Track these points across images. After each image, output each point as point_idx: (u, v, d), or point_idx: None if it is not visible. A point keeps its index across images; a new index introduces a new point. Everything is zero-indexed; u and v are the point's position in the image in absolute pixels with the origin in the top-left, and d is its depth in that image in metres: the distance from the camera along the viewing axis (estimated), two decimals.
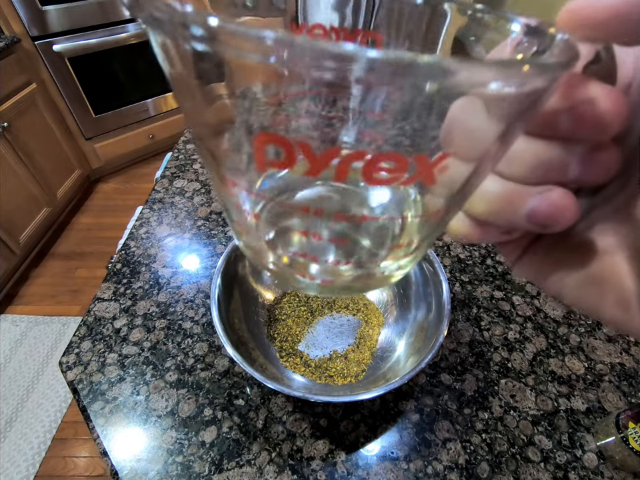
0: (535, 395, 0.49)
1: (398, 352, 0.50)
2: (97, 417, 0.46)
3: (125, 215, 1.57)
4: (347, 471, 0.42)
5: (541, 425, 0.46)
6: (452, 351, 0.53)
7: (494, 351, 0.53)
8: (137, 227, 0.71)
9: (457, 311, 0.58)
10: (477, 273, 0.64)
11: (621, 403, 0.48)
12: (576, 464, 0.43)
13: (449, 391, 0.49)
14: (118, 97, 1.95)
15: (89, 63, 1.78)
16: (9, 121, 1.48)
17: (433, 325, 0.46)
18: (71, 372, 0.50)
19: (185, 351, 0.53)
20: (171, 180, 0.82)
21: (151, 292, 0.60)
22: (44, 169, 1.70)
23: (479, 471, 0.42)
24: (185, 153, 0.90)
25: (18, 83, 1.55)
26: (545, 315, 0.58)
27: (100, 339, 0.54)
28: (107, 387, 0.49)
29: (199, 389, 0.49)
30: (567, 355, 0.53)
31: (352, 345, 0.54)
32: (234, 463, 0.42)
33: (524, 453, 0.44)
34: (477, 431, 0.45)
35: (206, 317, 0.57)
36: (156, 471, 0.42)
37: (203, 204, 0.76)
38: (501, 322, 0.57)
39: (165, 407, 0.47)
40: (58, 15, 1.62)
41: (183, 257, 0.66)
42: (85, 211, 1.98)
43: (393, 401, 0.48)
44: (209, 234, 0.70)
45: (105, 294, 0.60)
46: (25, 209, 1.61)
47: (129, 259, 0.65)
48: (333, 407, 0.47)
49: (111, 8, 1.73)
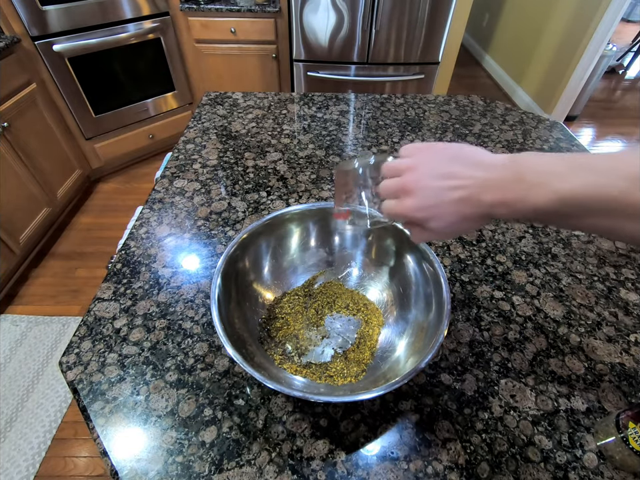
0: (535, 395, 0.49)
1: (398, 352, 0.50)
2: (97, 417, 0.46)
3: (125, 215, 1.57)
4: (346, 471, 0.42)
5: (541, 425, 0.46)
6: (452, 351, 0.53)
7: (494, 351, 0.53)
8: (137, 226, 0.71)
9: (457, 310, 0.58)
10: (477, 273, 0.64)
11: (621, 403, 0.48)
12: (576, 464, 0.43)
13: (449, 391, 0.49)
14: (118, 97, 1.95)
15: (89, 63, 1.78)
16: (9, 121, 1.48)
17: (433, 325, 0.46)
18: (70, 372, 0.50)
19: (185, 351, 0.53)
20: (171, 180, 0.82)
21: (150, 292, 0.60)
22: (44, 168, 1.70)
23: (478, 470, 0.42)
24: (184, 152, 0.90)
25: (18, 83, 1.55)
26: (545, 314, 0.58)
27: (100, 339, 0.54)
28: (107, 387, 0.49)
29: (199, 389, 0.49)
30: (566, 355, 0.53)
31: (352, 345, 0.54)
32: (234, 462, 0.42)
33: (524, 453, 0.44)
34: (476, 431, 0.45)
35: (206, 317, 0.57)
36: (156, 471, 0.42)
37: (202, 204, 0.76)
38: (501, 322, 0.57)
39: (164, 407, 0.47)
40: (58, 14, 1.62)
41: (182, 257, 0.66)
42: (84, 211, 1.98)
43: (393, 401, 0.48)
44: (209, 234, 0.70)
45: (105, 294, 0.60)
46: (25, 209, 1.61)
47: (129, 258, 0.65)
48: (333, 407, 0.47)
49: (111, 8, 1.73)
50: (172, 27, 1.94)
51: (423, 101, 1.15)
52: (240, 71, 2.10)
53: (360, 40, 1.87)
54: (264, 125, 1.01)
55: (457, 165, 0.34)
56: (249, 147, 0.92)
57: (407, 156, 0.37)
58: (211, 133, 0.97)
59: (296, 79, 2.04)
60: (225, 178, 0.83)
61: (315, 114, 1.07)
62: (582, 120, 2.85)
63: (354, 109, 1.11)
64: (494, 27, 3.46)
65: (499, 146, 0.95)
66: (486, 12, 3.55)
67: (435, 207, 0.34)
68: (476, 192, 0.32)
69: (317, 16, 1.79)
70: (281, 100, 1.13)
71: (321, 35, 1.86)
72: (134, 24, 1.82)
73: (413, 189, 0.34)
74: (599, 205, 0.28)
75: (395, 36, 1.86)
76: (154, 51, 1.94)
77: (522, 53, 3.00)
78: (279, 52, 2.04)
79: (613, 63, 3.48)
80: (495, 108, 1.12)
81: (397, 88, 2.08)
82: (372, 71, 2.00)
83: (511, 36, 3.20)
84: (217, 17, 1.90)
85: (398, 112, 1.09)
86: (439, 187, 0.33)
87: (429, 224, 0.35)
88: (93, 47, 1.75)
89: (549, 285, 0.62)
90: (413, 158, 0.36)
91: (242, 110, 1.07)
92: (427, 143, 0.37)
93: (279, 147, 0.93)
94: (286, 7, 1.86)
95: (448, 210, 0.33)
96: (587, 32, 2.32)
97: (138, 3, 1.79)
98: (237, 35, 1.95)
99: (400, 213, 0.35)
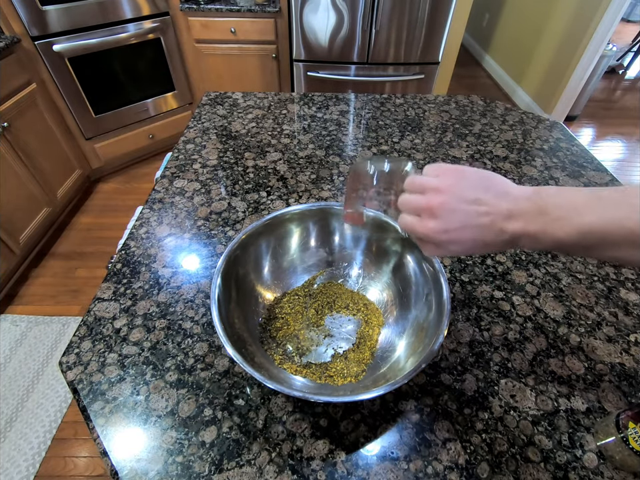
0: (535, 395, 0.49)
1: (398, 352, 0.50)
2: (97, 417, 0.46)
3: (125, 215, 1.57)
4: (346, 471, 0.42)
5: (540, 425, 0.46)
6: (452, 351, 0.53)
7: (494, 351, 0.53)
8: (137, 227, 0.71)
9: (457, 310, 0.58)
10: (477, 273, 0.64)
11: (621, 403, 0.48)
12: (576, 464, 0.43)
13: (449, 391, 0.49)
14: (118, 97, 1.95)
15: (89, 63, 1.78)
16: (9, 121, 1.48)
17: (433, 325, 0.46)
18: (70, 372, 0.50)
19: (185, 351, 0.53)
20: (171, 180, 0.82)
21: (150, 292, 0.60)
22: (44, 168, 1.70)
23: (478, 470, 0.42)
24: (184, 152, 0.90)
25: (18, 83, 1.55)
26: (545, 314, 0.58)
27: (100, 339, 0.54)
28: (107, 387, 0.49)
29: (199, 389, 0.49)
30: (567, 355, 0.53)
31: (352, 345, 0.54)
32: (234, 462, 0.42)
33: (524, 453, 0.44)
34: (476, 431, 0.45)
35: (206, 317, 0.57)
36: (156, 471, 0.42)
37: (202, 204, 0.76)
38: (501, 322, 0.57)
39: (164, 407, 0.47)
40: (58, 14, 1.62)
41: (183, 257, 0.66)
42: (84, 211, 1.98)
43: (393, 401, 0.48)
44: (209, 234, 0.70)
45: (105, 294, 0.60)
46: (25, 209, 1.61)
47: (129, 258, 0.65)
48: (333, 407, 0.47)
49: (111, 8, 1.73)
50: (172, 27, 1.94)
51: (423, 100, 1.15)
52: (240, 71, 2.10)
53: (360, 40, 1.87)
54: (264, 125, 1.01)
55: (485, 192, 0.34)
56: (249, 147, 0.92)
57: (432, 175, 0.36)
58: (211, 132, 0.97)
59: (296, 79, 2.04)
60: (225, 178, 0.83)
61: (315, 114, 1.07)
62: (582, 120, 2.85)
63: (354, 109, 1.11)
64: (494, 27, 3.46)
65: (499, 146, 0.95)
66: (486, 12, 3.55)
67: (458, 230, 0.34)
68: (500, 221, 0.33)
69: (317, 16, 1.79)
70: (281, 100, 1.13)
71: (321, 35, 1.86)
72: (134, 24, 1.82)
73: (438, 210, 0.34)
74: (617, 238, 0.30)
75: (394, 36, 1.86)
76: (154, 51, 1.94)
77: (522, 53, 3.00)
78: (279, 52, 2.04)
79: (613, 63, 3.48)
80: (495, 108, 1.12)
81: (397, 88, 2.08)
82: (372, 70, 2.00)
83: (511, 36, 3.20)
84: (216, 16, 1.90)
85: (398, 112, 1.09)
86: (465, 212, 0.34)
87: (448, 246, 0.35)
88: (93, 47, 1.75)
89: (549, 285, 0.62)
90: (440, 179, 0.35)
91: (242, 110, 1.07)
92: (455, 166, 0.36)
93: (279, 147, 0.93)
94: (286, 7, 1.86)
95: (471, 235, 0.34)
96: (587, 32, 2.32)
97: (138, 3, 1.79)
98: (236, 35, 1.95)
99: (421, 233, 0.35)
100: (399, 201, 0.37)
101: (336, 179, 0.83)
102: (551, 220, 0.31)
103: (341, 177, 0.84)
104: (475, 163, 0.89)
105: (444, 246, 0.35)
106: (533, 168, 0.88)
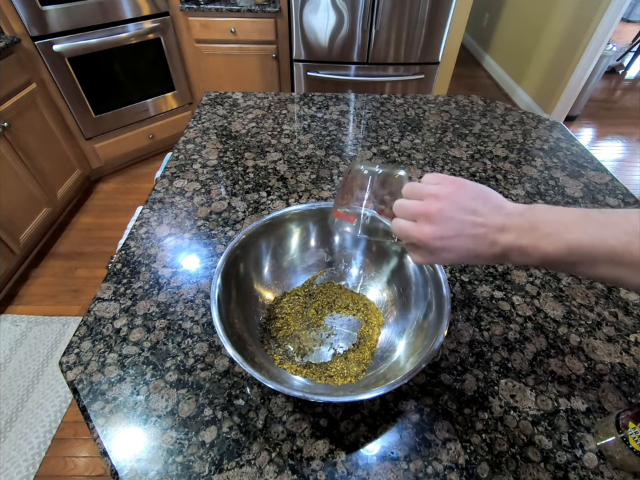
0: (535, 395, 0.49)
1: (398, 352, 0.50)
2: (97, 417, 0.46)
3: (125, 215, 1.57)
4: (346, 471, 0.42)
5: (540, 425, 0.46)
6: (452, 351, 0.53)
7: (494, 351, 0.53)
8: (137, 226, 0.71)
9: (456, 310, 0.58)
10: (477, 273, 0.64)
11: (620, 403, 0.48)
12: (576, 464, 0.43)
13: (449, 391, 0.49)
14: (118, 97, 1.95)
15: (89, 63, 1.78)
16: (9, 121, 1.48)
17: (433, 325, 0.46)
18: (70, 372, 0.50)
19: (185, 351, 0.53)
20: (171, 180, 0.82)
21: (150, 292, 0.60)
22: (44, 168, 1.70)
23: (479, 470, 0.42)
24: (184, 152, 0.90)
25: (18, 83, 1.55)
26: (545, 314, 0.58)
27: (100, 339, 0.54)
28: (107, 387, 0.49)
29: (199, 389, 0.49)
30: (567, 355, 0.53)
31: (352, 345, 0.54)
32: (234, 462, 0.42)
33: (524, 453, 0.44)
34: (477, 431, 0.45)
35: (206, 317, 0.57)
36: (156, 471, 0.42)
37: (202, 204, 0.76)
38: (501, 322, 0.57)
39: (164, 407, 0.47)
40: (58, 14, 1.62)
41: (183, 257, 0.66)
42: (84, 211, 1.98)
43: (393, 401, 0.48)
44: (209, 234, 0.70)
45: (105, 294, 0.60)
46: (25, 209, 1.61)
47: (129, 259, 0.65)
48: (333, 407, 0.47)
49: (111, 8, 1.73)
50: (172, 27, 1.94)
51: (423, 100, 1.15)
52: (240, 71, 2.10)
53: (360, 40, 1.87)
54: (264, 125, 1.01)
55: (483, 204, 0.35)
56: (249, 147, 0.92)
57: (432, 183, 0.37)
58: (211, 133, 0.97)
59: (296, 79, 2.04)
60: (225, 178, 0.83)
61: (315, 114, 1.07)
62: (582, 120, 2.85)
63: (354, 109, 1.11)
64: (494, 27, 3.46)
65: (499, 146, 0.95)
66: (486, 12, 3.54)
67: (453, 238, 0.34)
68: (494, 233, 0.34)
69: (317, 16, 1.79)
70: (281, 100, 1.13)
71: (320, 35, 1.86)
72: (134, 24, 1.82)
73: (435, 216, 0.34)
74: (602, 255, 0.31)
75: (394, 36, 1.86)
76: (154, 51, 1.94)
77: (522, 53, 3.00)
78: (279, 52, 2.04)
79: (613, 63, 3.48)
80: (495, 108, 1.12)
81: (397, 88, 2.08)
82: (372, 70, 2.00)
83: (511, 36, 3.20)
84: (216, 16, 1.90)
85: (398, 112, 1.09)
86: (461, 221, 0.34)
87: (440, 254, 0.36)
88: (93, 47, 1.75)
89: (548, 285, 0.62)
90: (439, 186, 0.36)
91: (242, 110, 1.07)
92: (454, 177, 0.37)
93: (279, 147, 0.93)
94: (286, 7, 1.86)
95: (465, 245, 0.34)
96: (587, 32, 2.32)
97: (138, 3, 1.79)
98: (237, 35, 1.95)
99: (415, 237, 0.36)
100: (395, 205, 0.38)
101: (336, 179, 0.83)
102: (541, 235, 0.32)
103: (341, 177, 0.84)
104: (475, 162, 0.89)
105: (437, 253, 0.36)
106: (533, 168, 0.88)
